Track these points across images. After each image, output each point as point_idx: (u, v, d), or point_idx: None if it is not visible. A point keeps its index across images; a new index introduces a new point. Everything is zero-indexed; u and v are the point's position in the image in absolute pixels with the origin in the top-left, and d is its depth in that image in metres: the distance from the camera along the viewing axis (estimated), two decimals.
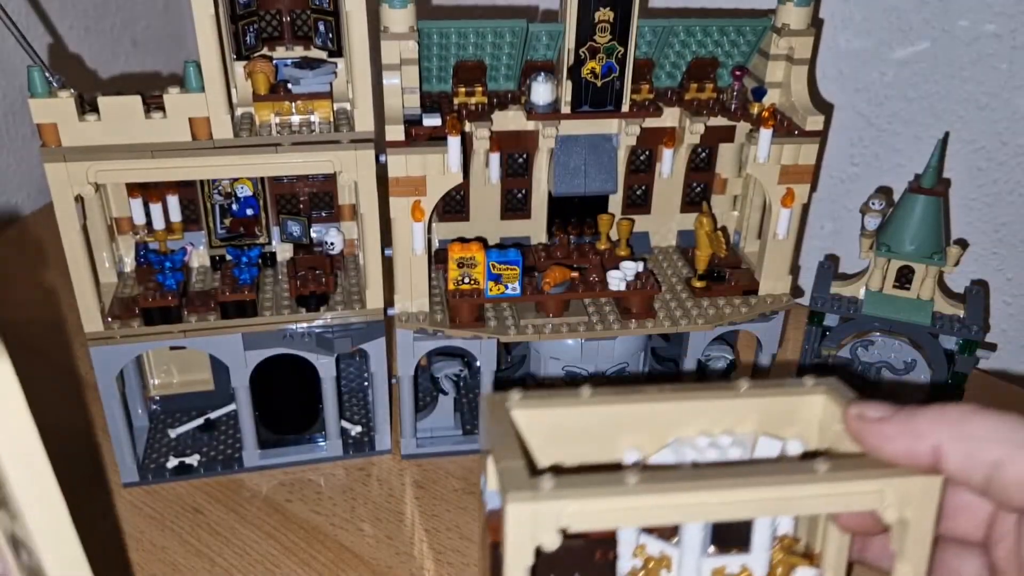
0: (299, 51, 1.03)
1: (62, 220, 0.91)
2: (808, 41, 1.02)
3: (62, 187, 0.90)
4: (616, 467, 0.52)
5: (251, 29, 1.00)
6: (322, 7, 0.99)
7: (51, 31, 1.23)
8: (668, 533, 0.51)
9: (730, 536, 0.52)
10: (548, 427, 0.50)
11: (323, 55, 1.02)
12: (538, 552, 0.43)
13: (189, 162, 0.91)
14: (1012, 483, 0.44)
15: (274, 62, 0.99)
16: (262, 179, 1.06)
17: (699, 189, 1.16)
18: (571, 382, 1.09)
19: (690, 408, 0.51)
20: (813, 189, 1.12)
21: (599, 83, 1.01)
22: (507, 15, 1.04)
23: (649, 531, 0.51)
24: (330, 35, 1.00)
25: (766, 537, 0.52)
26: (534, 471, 0.44)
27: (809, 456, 0.52)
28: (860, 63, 1.29)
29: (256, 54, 1.01)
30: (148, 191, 1.03)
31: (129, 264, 1.08)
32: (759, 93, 1.04)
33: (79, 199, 0.92)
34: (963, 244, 1.27)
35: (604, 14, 0.96)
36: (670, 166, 1.11)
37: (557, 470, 0.44)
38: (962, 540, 0.51)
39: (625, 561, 0.51)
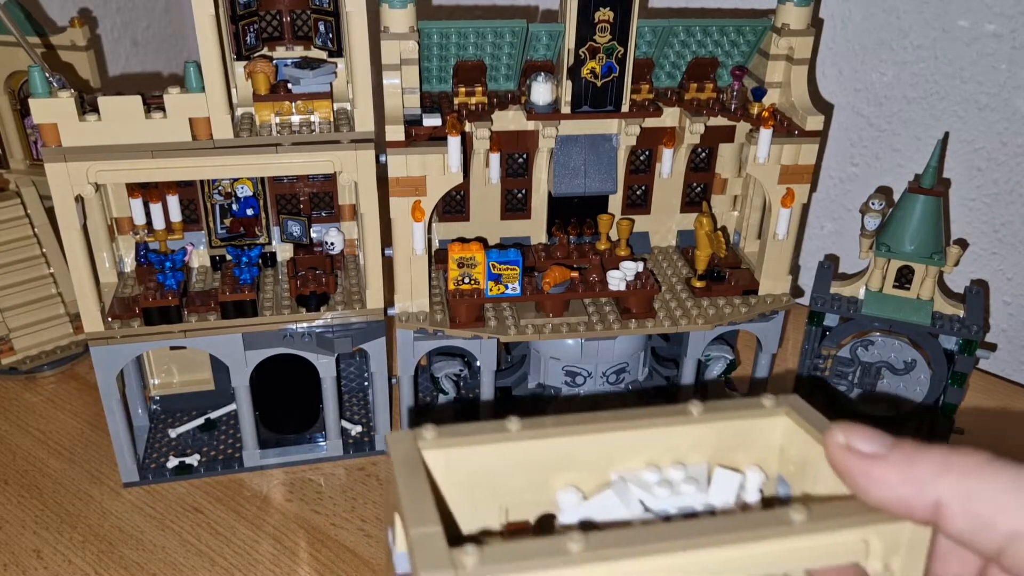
0: (299, 51, 1.03)
1: (62, 220, 0.92)
2: (808, 41, 1.02)
3: (62, 187, 0.90)
4: (551, 518, 0.45)
5: (251, 29, 1.00)
6: (322, 7, 0.99)
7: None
8: None
9: None
10: (469, 468, 0.42)
11: (323, 55, 1.02)
12: None
13: (189, 162, 0.92)
14: None
15: (274, 62, 0.99)
16: (262, 179, 1.06)
17: (699, 189, 1.16)
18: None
19: (635, 438, 0.44)
20: (813, 189, 1.12)
21: (599, 83, 1.01)
22: (507, 15, 1.05)
23: None
24: (330, 35, 1.00)
25: None
26: (453, 534, 0.37)
27: (770, 494, 0.46)
28: (860, 63, 1.29)
29: (256, 54, 1.01)
30: (148, 191, 1.03)
31: (129, 264, 1.08)
32: (759, 93, 1.04)
33: (79, 199, 0.92)
34: (963, 244, 1.27)
35: (604, 14, 0.96)
36: (670, 166, 1.11)
37: (481, 537, 0.38)
38: None
39: None
